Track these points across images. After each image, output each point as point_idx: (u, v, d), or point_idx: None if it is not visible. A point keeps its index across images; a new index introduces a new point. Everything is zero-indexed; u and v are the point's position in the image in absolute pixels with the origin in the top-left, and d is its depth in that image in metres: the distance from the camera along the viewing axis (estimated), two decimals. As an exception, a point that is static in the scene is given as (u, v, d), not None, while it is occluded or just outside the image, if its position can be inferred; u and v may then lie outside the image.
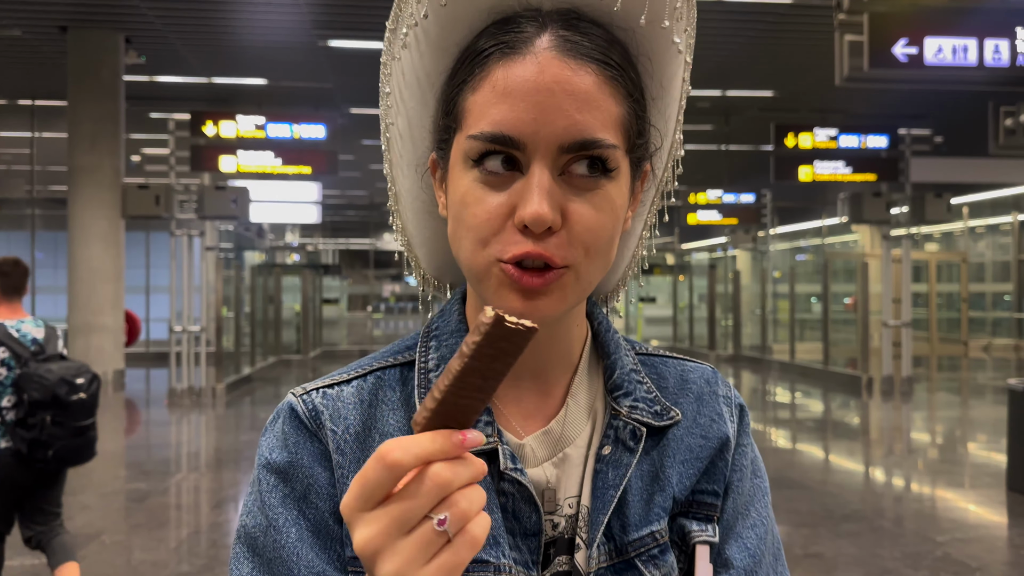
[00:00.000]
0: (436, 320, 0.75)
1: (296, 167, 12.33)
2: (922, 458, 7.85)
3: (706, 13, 11.01)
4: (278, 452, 0.68)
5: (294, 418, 0.69)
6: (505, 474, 0.67)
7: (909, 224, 12.05)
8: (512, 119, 0.61)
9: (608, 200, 0.63)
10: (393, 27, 0.70)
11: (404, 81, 0.70)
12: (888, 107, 14.54)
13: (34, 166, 17.15)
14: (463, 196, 0.63)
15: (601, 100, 0.62)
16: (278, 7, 10.73)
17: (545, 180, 0.61)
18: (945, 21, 6.30)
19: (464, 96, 0.64)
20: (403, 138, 0.74)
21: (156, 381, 13.82)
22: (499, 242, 0.62)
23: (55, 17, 11.33)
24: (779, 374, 14.79)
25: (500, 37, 0.63)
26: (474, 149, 0.62)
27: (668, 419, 0.72)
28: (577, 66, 0.62)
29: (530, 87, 0.61)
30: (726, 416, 0.76)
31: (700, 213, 17.35)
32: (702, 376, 0.78)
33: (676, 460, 0.72)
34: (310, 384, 0.72)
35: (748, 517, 0.74)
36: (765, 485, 0.77)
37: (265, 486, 0.68)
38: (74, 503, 5.88)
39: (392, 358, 0.73)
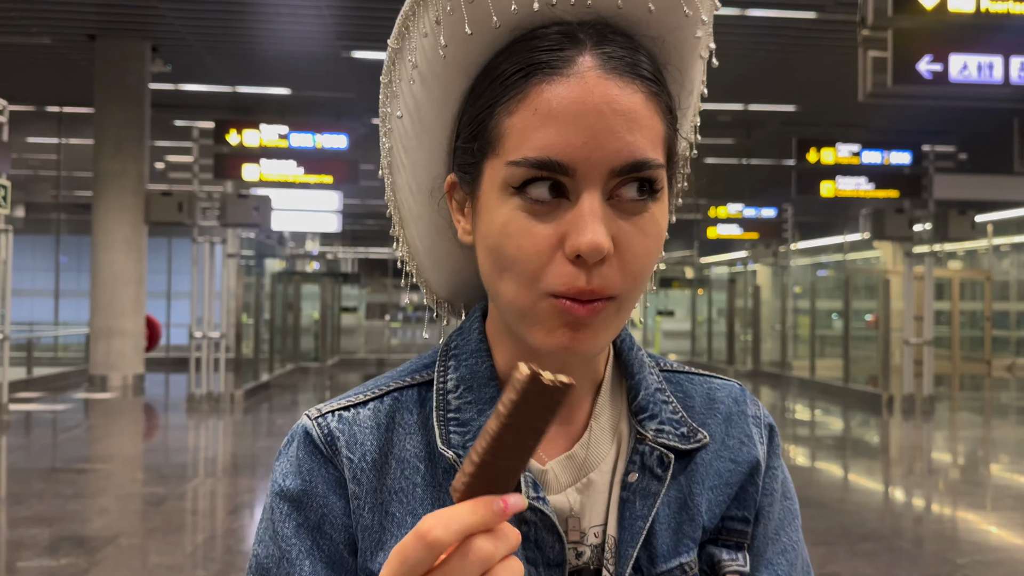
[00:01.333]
0: (455, 338, 0.71)
1: (318, 176, 12.41)
2: (943, 478, 7.76)
3: (729, 27, 11.01)
4: (292, 479, 0.66)
5: (309, 443, 0.66)
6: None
7: (932, 241, 11.94)
8: (561, 143, 0.58)
9: (655, 223, 0.61)
10: (398, 46, 0.66)
11: (415, 103, 0.66)
12: (911, 123, 14.44)
13: (60, 171, 17.40)
14: (503, 226, 0.60)
15: (648, 118, 0.60)
16: (302, 18, 10.84)
17: (597, 207, 0.58)
18: (970, 38, 6.25)
19: (498, 119, 0.61)
20: (413, 160, 0.70)
21: (175, 386, 13.92)
22: (549, 275, 0.59)
23: (84, 25, 11.51)
24: (799, 391, 14.67)
25: (536, 56, 0.60)
26: (516, 176, 0.59)
27: (695, 442, 0.69)
28: (623, 84, 0.59)
29: (578, 109, 0.58)
30: (756, 438, 0.73)
31: (720, 227, 17.28)
32: (730, 395, 0.74)
33: (705, 487, 0.69)
34: (325, 406, 0.69)
35: (778, 542, 0.71)
36: (795, 508, 0.74)
37: (278, 515, 0.65)
38: (92, 506, 5.93)
39: (410, 377, 0.70)
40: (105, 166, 12.09)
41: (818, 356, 15.24)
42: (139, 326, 12.46)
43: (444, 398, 0.67)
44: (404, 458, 0.66)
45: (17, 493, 6.26)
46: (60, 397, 12.04)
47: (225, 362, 11.57)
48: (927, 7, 6.05)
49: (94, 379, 12.34)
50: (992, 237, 19.82)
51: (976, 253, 21.01)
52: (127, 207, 12.03)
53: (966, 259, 21.65)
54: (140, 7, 10.71)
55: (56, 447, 8.63)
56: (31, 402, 11.40)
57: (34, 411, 10.73)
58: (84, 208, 19.45)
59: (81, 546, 4.96)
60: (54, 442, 8.89)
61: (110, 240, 12.06)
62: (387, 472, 0.66)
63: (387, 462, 0.66)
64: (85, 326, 14.23)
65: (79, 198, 20.65)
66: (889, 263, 19.23)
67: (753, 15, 10.59)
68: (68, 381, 13.75)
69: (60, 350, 17.74)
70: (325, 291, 17.84)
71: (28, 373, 13.18)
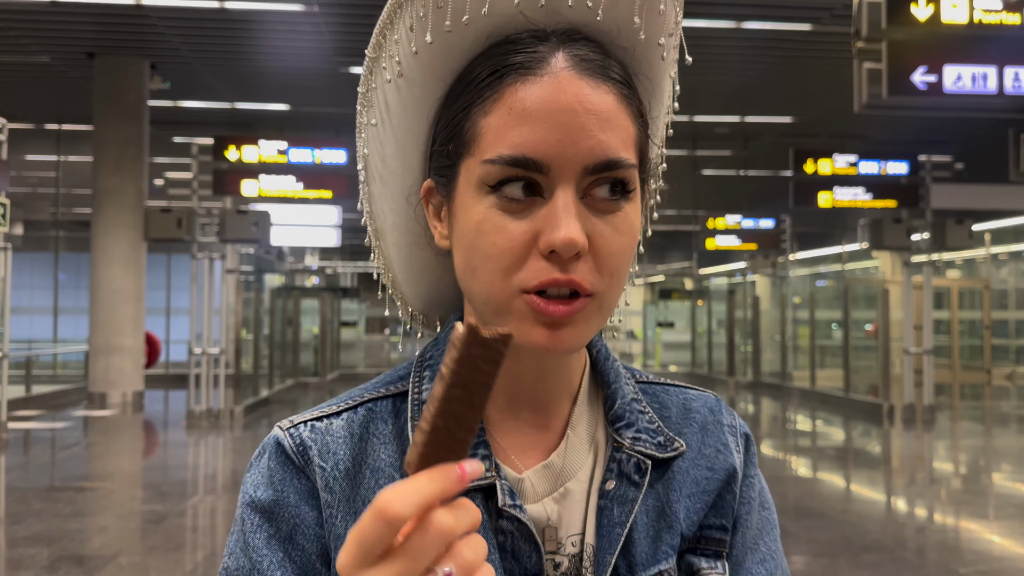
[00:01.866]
0: (430, 348, 0.72)
1: (317, 191, 12.44)
2: (945, 488, 7.74)
3: (725, 40, 11.06)
4: (263, 490, 0.65)
5: (280, 453, 0.66)
6: (503, 511, 0.63)
7: (930, 250, 11.96)
8: (535, 141, 0.59)
9: (628, 222, 0.62)
10: (375, 55, 0.67)
11: (392, 110, 0.67)
12: (908, 133, 14.49)
13: (59, 189, 17.43)
14: (479, 224, 0.61)
15: (620, 119, 0.61)
16: (300, 34, 10.89)
17: (571, 203, 0.59)
18: (964, 49, 6.29)
19: (473, 120, 0.62)
20: (389, 168, 0.70)
21: (175, 403, 13.89)
22: (523, 271, 0.59)
23: (83, 44, 11.56)
24: (799, 401, 14.65)
25: (510, 58, 0.61)
26: (492, 174, 0.60)
27: (672, 450, 0.69)
28: (596, 84, 0.60)
29: (552, 107, 0.59)
30: (732, 446, 0.73)
31: (719, 238, 17.31)
32: (705, 404, 0.75)
33: (682, 494, 0.69)
34: (298, 417, 0.68)
35: (757, 551, 0.71)
36: (773, 517, 0.75)
37: (249, 526, 0.65)
38: (91, 524, 5.91)
39: (384, 388, 0.70)
40: (104, 183, 12.11)
41: (818, 366, 15.23)
42: (138, 343, 12.46)
43: (419, 407, 0.67)
44: (378, 468, 0.66)
45: (16, 512, 6.24)
46: (59, 415, 12.02)
47: (224, 378, 11.56)
48: (920, 19, 6.09)
49: (93, 396, 12.32)
50: (990, 246, 19.86)
51: (974, 262, 21.04)
52: (126, 224, 12.05)
53: (964, 268, 21.68)
54: (139, 25, 10.76)
55: (55, 465, 8.61)
56: (30, 420, 11.37)
57: (33, 429, 10.71)
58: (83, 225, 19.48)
59: (81, 565, 4.94)
60: (53, 460, 8.87)
61: (109, 257, 12.07)
62: (360, 482, 0.65)
63: (361, 472, 0.65)
64: (84, 343, 14.22)
65: (78, 215, 20.69)
66: (888, 273, 19.25)
67: (749, 28, 10.64)
68: (67, 399, 13.72)
69: (59, 368, 17.72)
70: (324, 306, 17.83)
71: (27, 391, 13.16)
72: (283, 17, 10.36)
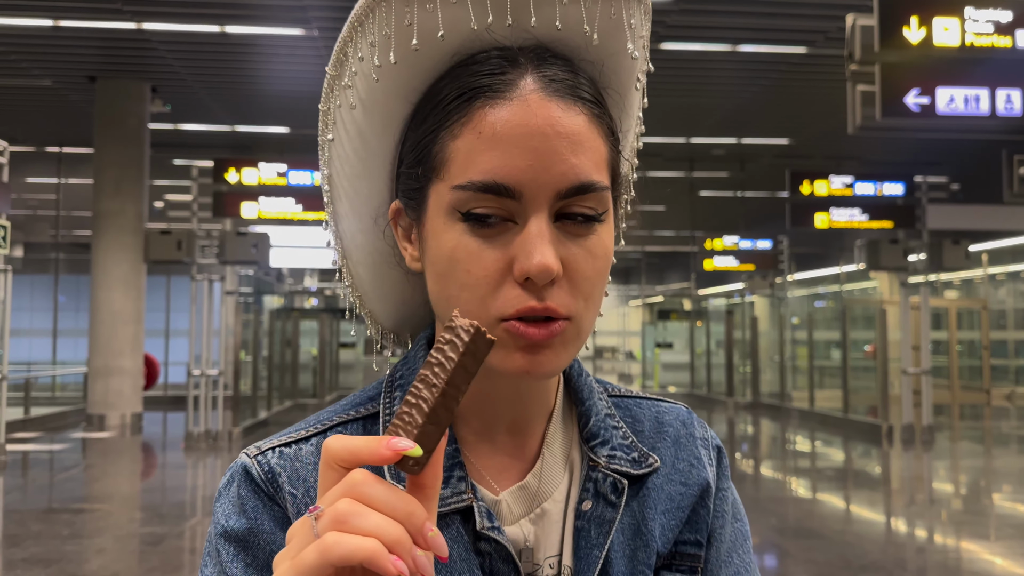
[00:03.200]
0: (399, 368, 0.69)
1: (316, 213, 12.49)
2: (944, 508, 7.72)
3: (721, 63, 11.17)
4: (236, 519, 0.62)
5: (249, 481, 0.63)
6: (481, 533, 0.62)
7: (927, 271, 12.00)
8: (506, 166, 0.57)
9: (601, 244, 0.61)
10: (336, 72, 0.65)
11: (356, 130, 0.66)
12: (904, 154, 14.59)
13: (59, 211, 17.48)
14: (451, 252, 0.59)
15: (591, 140, 0.60)
16: (300, 58, 10.99)
17: (545, 229, 0.58)
18: (956, 71, 6.36)
19: (442, 143, 0.60)
20: (355, 188, 0.69)
21: (173, 424, 13.86)
22: (499, 299, 0.58)
23: (84, 67, 11.65)
24: (798, 422, 14.63)
25: (478, 80, 0.60)
26: (463, 200, 0.58)
27: (647, 467, 0.68)
28: (566, 106, 0.59)
29: (522, 131, 0.58)
30: (705, 460, 0.72)
31: (717, 259, 17.36)
32: (677, 418, 0.74)
33: (657, 511, 0.68)
34: (265, 443, 0.66)
35: (731, 565, 0.71)
36: (746, 529, 0.74)
37: (225, 556, 0.62)
38: (90, 546, 5.90)
39: (354, 411, 0.68)
40: (104, 205, 12.16)
41: (817, 387, 15.22)
42: (137, 365, 12.45)
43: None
44: None
45: (14, 534, 6.22)
46: (57, 437, 11.99)
47: (223, 400, 11.54)
48: (913, 42, 6.17)
49: (92, 418, 12.30)
50: (987, 266, 19.91)
51: (972, 282, 21.08)
52: (126, 246, 12.08)
53: (962, 288, 21.72)
54: (140, 49, 10.86)
55: (53, 487, 8.58)
56: (28, 442, 11.35)
57: (31, 451, 10.68)
58: (83, 247, 19.52)
59: (78, 587, 4.93)
60: (51, 482, 8.84)
61: (109, 279, 12.10)
62: None
63: None
64: (83, 365, 14.21)
65: (78, 237, 20.73)
66: (886, 293, 19.28)
67: (744, 51, 10.74)
68: (66, 421, 13.69)
69: (58, 389, 17.68)
70: (323, 327, 17.83)
71: (26, 413, 13.13)
72: (283, 41, 10.46)
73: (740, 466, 10.14)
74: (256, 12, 9.68)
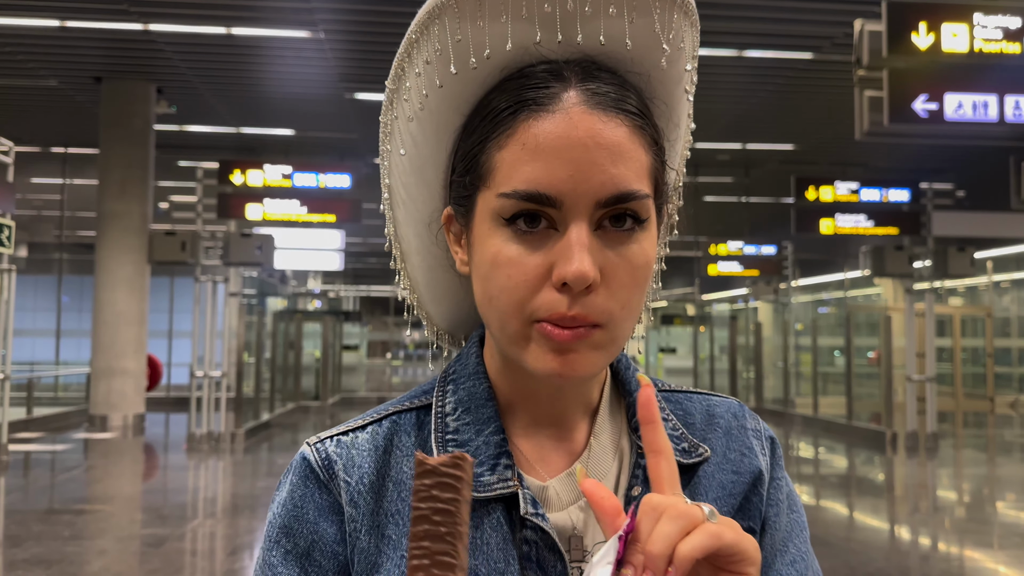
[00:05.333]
0: (454, 364, 0.73)
1: (321, 215, 12.50)
2: (948, 516, 7.69)
3: (727, 68, 11.15)
4: (283, 507, 0.67)
5: (306, 469, 0.68)
6: (526, 520, 0.64)
7: (932, 278, 11.97)
8: (547, 176, 0.60)
9: (642, 252, 0.63)
10: (395, 87, 0.69)
11: (412, 140, 0.69)
12: (909, 161, 14.56)
13: (64, 212, 17.51)
14: (495, 256, 0.62)
15: (632, 151, 0.62)
16: (306, 61, 11.00)
17: (584, 237, 0.60)
18: (965, 77, 6.34)
19: (488, 153, 0.63)
20: (412, 195, 0.72)
21: (176, 426, 13.86)
22: (536, 302, 0.61)
23: (90, 68, 11.67)
24: (802, 428, 14.59)
25: (524, 94, 0.62)
26: (507, 208, 0.61)
27: (697, 456, 0.70)
28: (607, 118, 0.61)
29: (563, 143, 0.60)
30: (757, 450, 0.74)
31: (721, 264, 17.33)
32: (729, 410, 0.75)
33: (709, 498, 0.69)
34: (325, 432, 0.70)
35: (787, 553, 0.72)
36: (803, 520, 0.75)
37: (268, 543, 0.67)
38: (91, 547, 5.89)
39: (409, 402, 0.72)
40: (109, 206, 12.18)
41: (821, 393, 15.18)
42: (140, 366, 12.45)
43: (443, 420, 0.69)
44: (400, 480, 0.67)
45: (15, 535, 6.21)
46: (60, 437, 11.99)
47: (226, 401, 11.54)
48: (921, 48, 6.15)
49: (94, 419, 12.30)
50: (992, 273, 19.86)
51: (976, 290, 21.03)
52: (130, 247, 12.09)
53: (967, 296, 21.66)
54: (146, 50, 10.87)
55: (55, 488, 8.58)
56: (31, 442, 11.35)
57: (34, 451, 10.68)
58: (87, 248, 19.55)
59: (79, 588, 4.92)
60: (53, 483, 8.84)
61: (113, 280, 12.10)
62: (384, 494, 0.66)
63: (384, 484, 0.67)
64: (86, 366, 14.21)
65: (82, 238, 20.77)
66: (890, 300, 19.24)
67: (751, 56, 10.73)
68: (68, 421, 13.69)
69: (60, 390, 17.70)
70: (327, 329, 17.84)
71: (28, 413, 13.14)
72: (289, 43, 10.47)
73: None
74: (262, 14, 9.68)
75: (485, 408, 0.68)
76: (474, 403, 0.69)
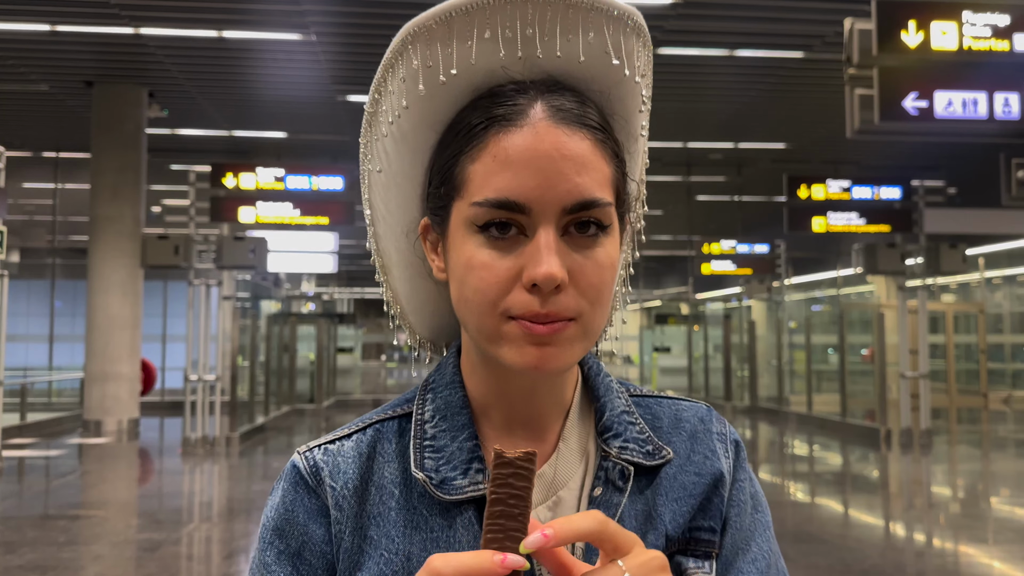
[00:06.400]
0: (433, 375, 0.78)
1: (314, 217, 12.48)
2: (943, 512, 7.72)
3: (719, 67, 11.18)
4: (276, 510, 0.72)
5: (295, 475, 0.73)
6: None
7: (924, 275, 12.01)
8: (516, 185, 0.65)
9: (607, 255, 0.67)
10: (372, 111, 0.74)
11: (390, 158, 0.74)
12: (901, 159, 14.61)
13: (56, 216, 17.45)
14: (468, 260, 0.67)
15: (595, 162, 0.67)
16: (298, 63, 10.99)
17: (552, 240, 0.65)
18: (954, 75, 6.37)
19: (462, 166, 0.68)
20: (390, 209, 0.77)
21: (170, 430, 13.83)
22: (509, 301, 0.65)
23: (82, 72, 11.64)
24: (796, 426, 14.63)
25: (494, 110, 0.67)
26: (479, 215, 0.66)
27: (660, 458, 0.74)
28: (571, 132, 0.66)
29: (531, 155, 0.65)
30: (720, 453, 0.77)
31: (714, 263, 17.37)
32: (696, 414, 0.79)
33: (669, 498, 0.73)
34: (314, 441, 0.75)
35: (749, 552, 0.74)
36: (767, 519, 0.78)
37: (262, 544, 0.72)
38: (86, 553, 5.87)
39: (391, 411, 0.76)
40: (101, 211, 12.14)
41: (815, 391, 15.22)
42: (134, 370, 12.42)
43: (421, 427, 0.73)
44: (382, 484, 0.72)
45: (10, 541, 6.19)
46: (54, 443, 11.95)
47: (220, 405, 11.52)
48: (911, 46, 6.17)
49: (88, 424, 12.26)
50: (984, 270, 19.94)
51: (969, 286, 21.11)
52: (123, 251, 12.06)
53: (959, 292, 21.74)
54: (137, 54, 10.85)
55: (49, 494, 8.56)
56: (25, 448, 11.31)
57: (28, 457, 10.65)
58: (80, 253, 19.49)
59: (75, 593, 4.91)
60: (47, 488, 8.82)
61: (106, 284, 12.07)
62: (367, 498, 0.71)
63: (367, 489, 0.72)
64: (80, 371, 14.17)
65: (75, 243, 20.71)
66: (883, 297, 19.30)
67: (742, 55, 10.76)
68: (62, 426, 13.66)
69: (54, 395, 17.64)
70: (321, 332, 17.82)
71: (22, 419, 13.09)
72: (280, 46, 10.46)
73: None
74: (254, 17, 9.67)
75: (460, 416, 0.73)
76: (450, 411, 0.73)
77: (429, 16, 0.68)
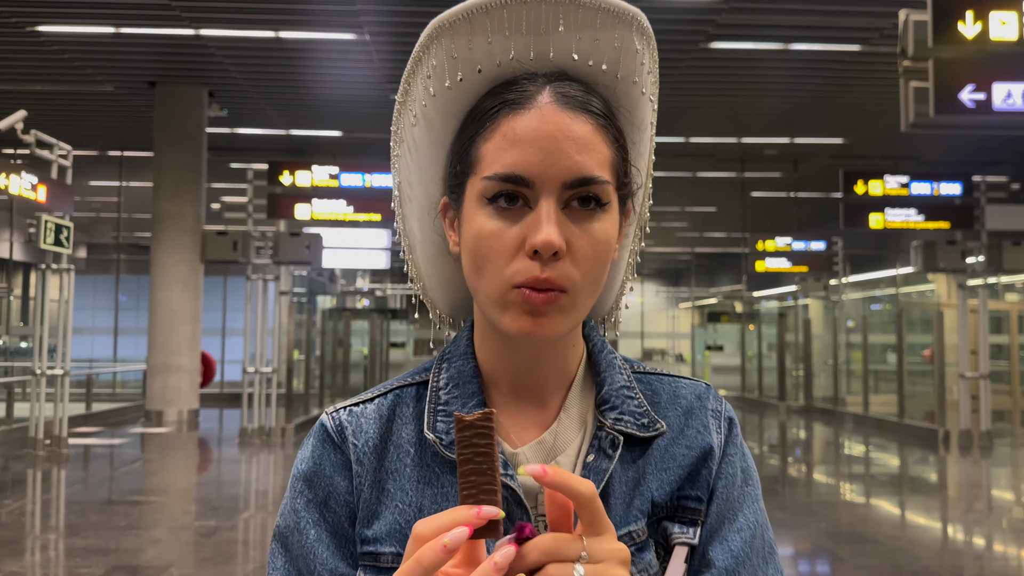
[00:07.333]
0: (449, 346, 0.85)
1: (367, 215, 12.66)
2: (1005, 516, 7.52)
3: (773, 61, 11.03)
4: (306, 463, 0.80)
5: (323, 433, 0.80)
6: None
7: (986, 273, 11.68)
8: (522, 161, 0.71)
9: (603, 230, 0.73)
10: (402, 100, 0.81)
11: (416, 144, 0.81)
12: (962, 154, 14.22)
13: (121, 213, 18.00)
14: (479, 230, 0.73)
15: (595, 144, 0.73)
16: (352, 63, 11.16)
17: (552, 211, 0.71)
18: (1013, 66, 6.18)
19: (476, 146, 0.75)
20: (415, 191, 0.84)
21: (229, 421, 14.17)
22: (512, 268, 0.71)
23: (145, 73, 11.99)
24: (852, 426, 14.35)
25: (505, 96, 0.74)
26: (489, 188, 0.72)
27: (653, 431, 0.79)
28: (574, 115, 0.73)
29: (536, 134, 0.72)
30: (712, 428, 0.82)
31: (769, 260, 17.11)
32: (693, 392, 0.84)
33: (658, 468, 0.78)
34: (341, 403, 0.83)
35: (735, 521, 0.79)
36: (756, 492, 0.82)
37: (293, 492, 0.79)
38: (145, 537, 6.08)
39: (411, 378, 0.83)
40: (163, 208, 12.50)
41: (872, 391, 14.91)
42: (194, 363, 12.76)
43: (436, 393, 0.80)
44: (400, 444, 0.79)
45: (74, 524, 6.44)
46: (117, 432, 12.34)
47: (276, 397, 11.77)
48: (968, 37, 6.02)
49: (150, 414, 12.64)
50: (1052, 268, 19.24)
51: (1036, 285, 20.42)
52: (184, 247, 12.40)
53: None
54: (198, 55, 11.14)
55: (112, 480, 8.85)
56: (90, 436, 11.71)
57: (92, 445, 11.02)
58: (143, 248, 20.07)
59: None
60: (111, 475, 9.12)
61: (168, 279, 12.42)
62: (386, 455, 0.79)
63: (386, 447, 0.79)
64: (143, 363, 14.61)
65: (138, 239, 21.32)
66: (943, 296, 18.80)
67: (797, 49, 10.61)
68: (125, 416, 14.09)
69: (118, 386, 18.20)
70: (374, 327, 18.03)
71: (87, 408, 13.55)
72: (335, 46, 10.64)
73: (790, 471, 10.02)
74: (309, 17, 9.86)
75: (470, 384, 0.79)
76: (462, 379, 0.80)
77: (453, 13, 0.75)
